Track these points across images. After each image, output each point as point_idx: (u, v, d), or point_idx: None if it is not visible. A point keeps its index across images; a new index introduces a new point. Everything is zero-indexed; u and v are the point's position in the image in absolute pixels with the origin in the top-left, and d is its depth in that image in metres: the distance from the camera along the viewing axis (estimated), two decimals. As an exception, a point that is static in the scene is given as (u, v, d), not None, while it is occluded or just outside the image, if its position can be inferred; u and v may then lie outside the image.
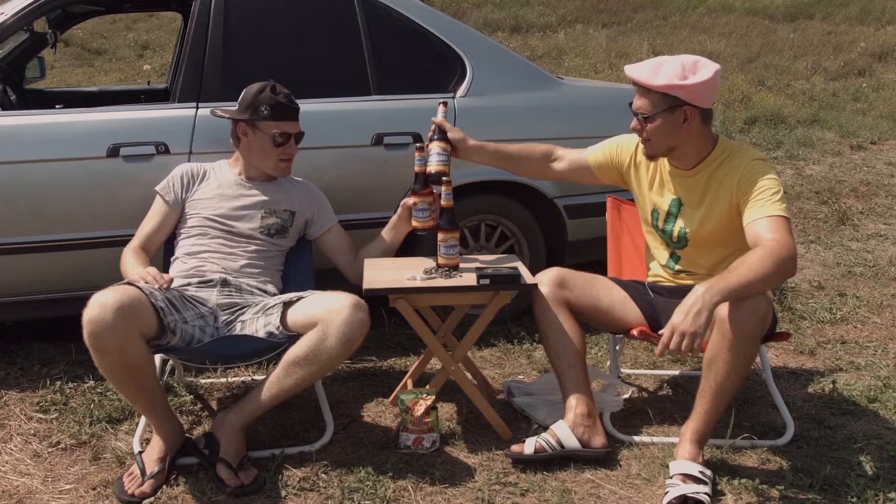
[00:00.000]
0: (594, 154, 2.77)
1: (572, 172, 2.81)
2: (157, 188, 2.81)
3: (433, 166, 2.67)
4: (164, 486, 2.29)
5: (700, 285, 2.18)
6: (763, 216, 2.32)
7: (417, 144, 2.73)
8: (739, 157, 2.46)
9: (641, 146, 2.58)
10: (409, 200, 2.72)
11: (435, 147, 2.69)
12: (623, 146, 2.73)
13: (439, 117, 2.73)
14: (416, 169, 2.70)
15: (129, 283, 2.30)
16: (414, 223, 2.74)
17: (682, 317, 2.12)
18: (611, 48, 12.58)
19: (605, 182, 2.78)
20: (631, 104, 2.51)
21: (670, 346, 2.13)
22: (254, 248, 2.74)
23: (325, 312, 2.33)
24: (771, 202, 2.33)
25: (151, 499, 2.25)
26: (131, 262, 2.60)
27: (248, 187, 2.81)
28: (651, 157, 2.56)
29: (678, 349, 2.11)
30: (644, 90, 2.44)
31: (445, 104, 2.78)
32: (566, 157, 2.81)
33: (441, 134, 2.71)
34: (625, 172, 2.72)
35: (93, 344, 2.15)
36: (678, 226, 2.57)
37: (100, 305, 2.15)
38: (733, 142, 2.55)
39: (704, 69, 2.40)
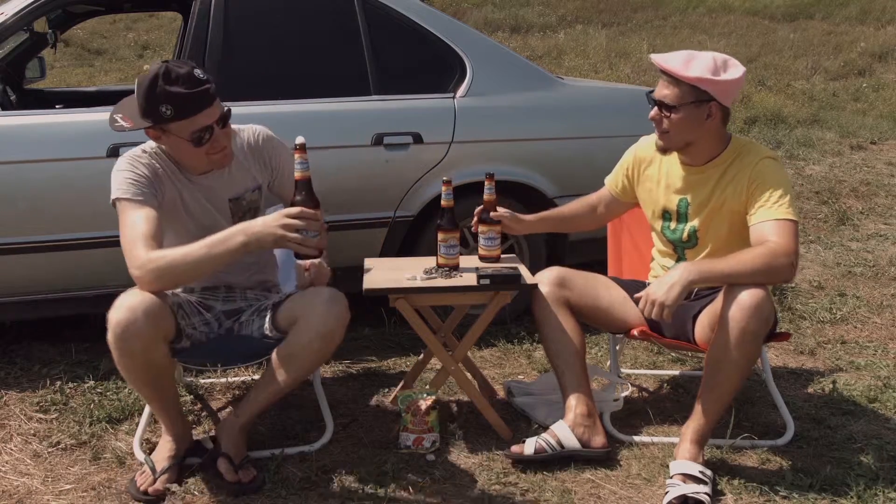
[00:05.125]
0: (612, 183, 2.77)
1: (612, 212, 2.82)
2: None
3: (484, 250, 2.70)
4: (177, 485, 2.29)
5: (685, 262, 2.34)
6: (770, 219, 2.32)
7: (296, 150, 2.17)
8: (751, 155, 2.44)
9: (655, 141, 2.51)
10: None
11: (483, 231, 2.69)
12: (630, 161, 2.70)
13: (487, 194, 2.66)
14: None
15: None
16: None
17: (657, 287, 2.26)
18: (611, 48, 12.56)
19: (632, 203, 2.76)
20: (650, 94, 2.47)
21: (644, 312, 2.29)
22: None
23: (303, 309, 2.32)
24: (779, 204, 2.33)
25: (166, 496, 2.26)
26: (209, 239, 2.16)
27: (201, 184, 2.42)
28: (665, 150, 2.50)
29: (649, 315, 2.27)
30: (673, 80, 2.38)
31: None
32: (601, 200, 2.81)
33: (486, 215, 2.67)
34: (636, 185, 2.69)
35: (120, 347, 2.13)
36: (688, 225, 2.55)
37: (129, 309, 2.11)
38: (745, 139, 2.53)
39: (735, 68, 2.38)
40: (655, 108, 2.44)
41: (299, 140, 2.16)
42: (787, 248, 2.26)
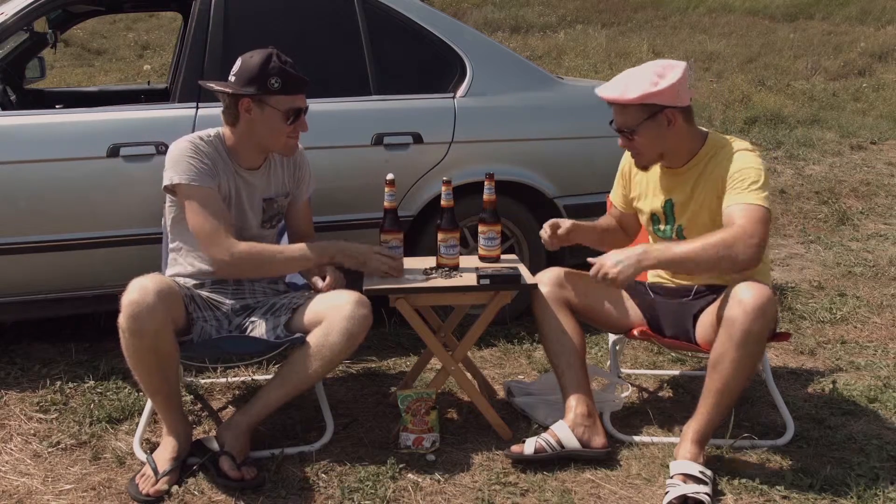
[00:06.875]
0: (615, 198, 2.81)
1: (630, 226, 2.80)
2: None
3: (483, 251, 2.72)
4: (178, 486, 2.29)
5: (644, 245, 2.36)
6: (739, 202, 2.32)
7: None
8: (727, 149, 2.45)
9: (631, 160, 2.58)
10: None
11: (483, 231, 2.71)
12: (620, 174, 2.76)
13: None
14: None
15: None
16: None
17: (614, 259, 2.30)
18: (611, 48, 12.58)
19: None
20: (612, 123, 2.49)
21: (592, 275, 2.34)
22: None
23: (329, 309, 2.37)
24: (750, 189, 2.33)
25: (166, 498, 2.26)
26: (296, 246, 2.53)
27: (245, 179, 2.56)
28: (644, 167, 2.56)
29: (594, 277, 2.33)
30: (621, 107, 2.43)
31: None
32: (614, 218, 2.83)
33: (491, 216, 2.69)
34: (631, 194, 2.72)
35: (131, 326, 2.17)
36: (675, 225, 2.56)
37: (141, 289, 2.18)
38: (723, 136, 2.54)
39: (673, 69, 2.40)
40: (620, 136, 2.48)
41: (389, 176, 2.58)
42: (752, 231, 2.25)
